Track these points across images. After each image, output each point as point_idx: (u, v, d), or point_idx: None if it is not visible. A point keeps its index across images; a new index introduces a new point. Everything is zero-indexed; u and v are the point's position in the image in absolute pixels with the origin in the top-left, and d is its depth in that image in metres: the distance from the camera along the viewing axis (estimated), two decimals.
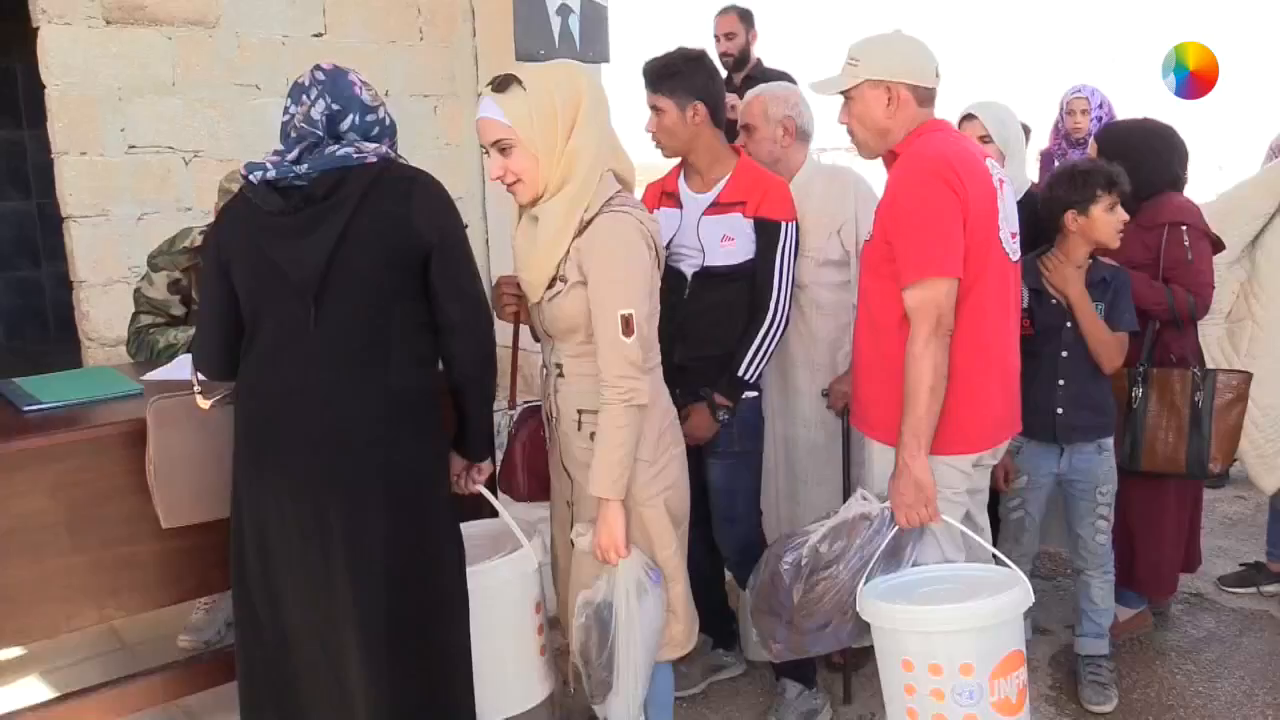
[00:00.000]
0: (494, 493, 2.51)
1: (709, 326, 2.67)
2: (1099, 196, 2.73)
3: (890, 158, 2.38)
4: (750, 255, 2.64)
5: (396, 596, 2.00)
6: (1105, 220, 2.74)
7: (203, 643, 3.11)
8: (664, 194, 2.80)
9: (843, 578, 2.24)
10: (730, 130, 2.81)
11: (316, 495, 1.96)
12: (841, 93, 2.38)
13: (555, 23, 4.37)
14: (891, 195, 2.29)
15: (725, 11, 4.71)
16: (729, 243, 2.63)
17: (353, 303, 1.95)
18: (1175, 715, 2.91)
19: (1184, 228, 3.02)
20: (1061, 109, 4.79)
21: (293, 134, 1.99)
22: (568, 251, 2.12)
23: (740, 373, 2.63)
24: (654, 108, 2.66)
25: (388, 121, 2.06)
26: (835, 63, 2.41)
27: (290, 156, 1.94)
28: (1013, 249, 2.36)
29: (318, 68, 2.02)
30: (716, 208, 2.66)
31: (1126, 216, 2.77)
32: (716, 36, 4.65)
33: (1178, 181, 3.11)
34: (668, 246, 2.67)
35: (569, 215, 2.11)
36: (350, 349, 1.96)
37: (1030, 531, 3.00)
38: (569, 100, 2.10)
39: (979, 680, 2.07)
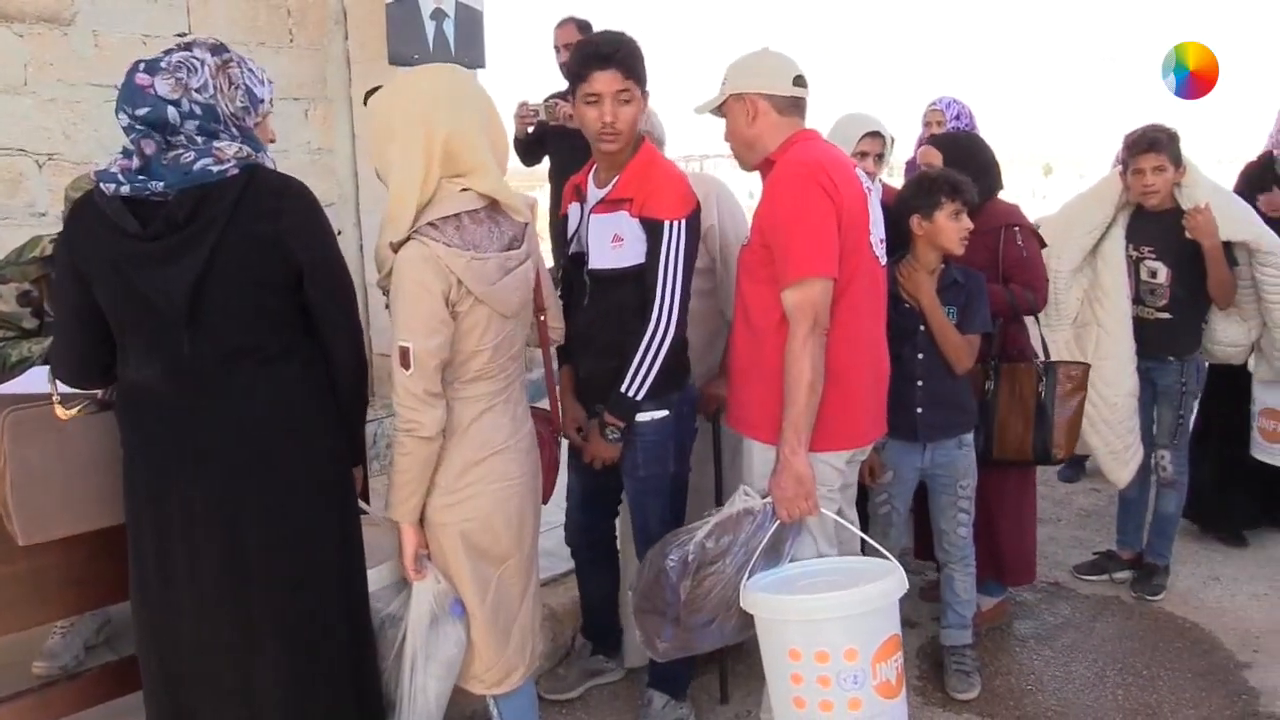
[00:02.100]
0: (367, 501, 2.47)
1: (604, 335, 2.56)
2: (943, 203, 2.84)
3: (765, 167, 2.44)
4: (642, 258, 2.48)
5: (313, 610, 2.00)
6: (949, 227, 2.85)
7: (59, 668, 2.96)
8: (575, 188, 2.67)
9: (728, 572, 2.30)
10: (563, 137, 2.79)
11: (224, 516, 1.93)
12: (718, 112, 2.47)
13: (429, 27, 4.32)
14: (769, 200, 2.35)
15: (564, 23, 4.75)
16: (618, 243, 2.49)
17: (225, 327, 1.90)
18: (1034, 699, 3.06)
19: (1016, 229, 3.22)
20: (922, 121, 4.98)
21: (130, 136, 1.88)
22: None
23: (624, 388, 2.46)
24: (620, 94, 2.43)
25: (197, 109, 1.91)
26: (676, 72, 2.46)
27: (137, 165, 1.85)
28: (881, 254, 2.46)
29: (138, 62, 1.92)
30: (605, 205, 2.53)
31: (970, 225, 2.89)
32: (557, 47, 4.67)
33: (996, 188, 3.29)
34: (575, 245, 2.61)
35: (382, 239, 2.06)
36: (228, 371, 1.92)
37: (897, 526, 3.10)
38: (388, 113, 2.04)
39: (862, 665, 2.15)
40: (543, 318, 2.43)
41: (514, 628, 2.29)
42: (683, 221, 2.46)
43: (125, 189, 1.83)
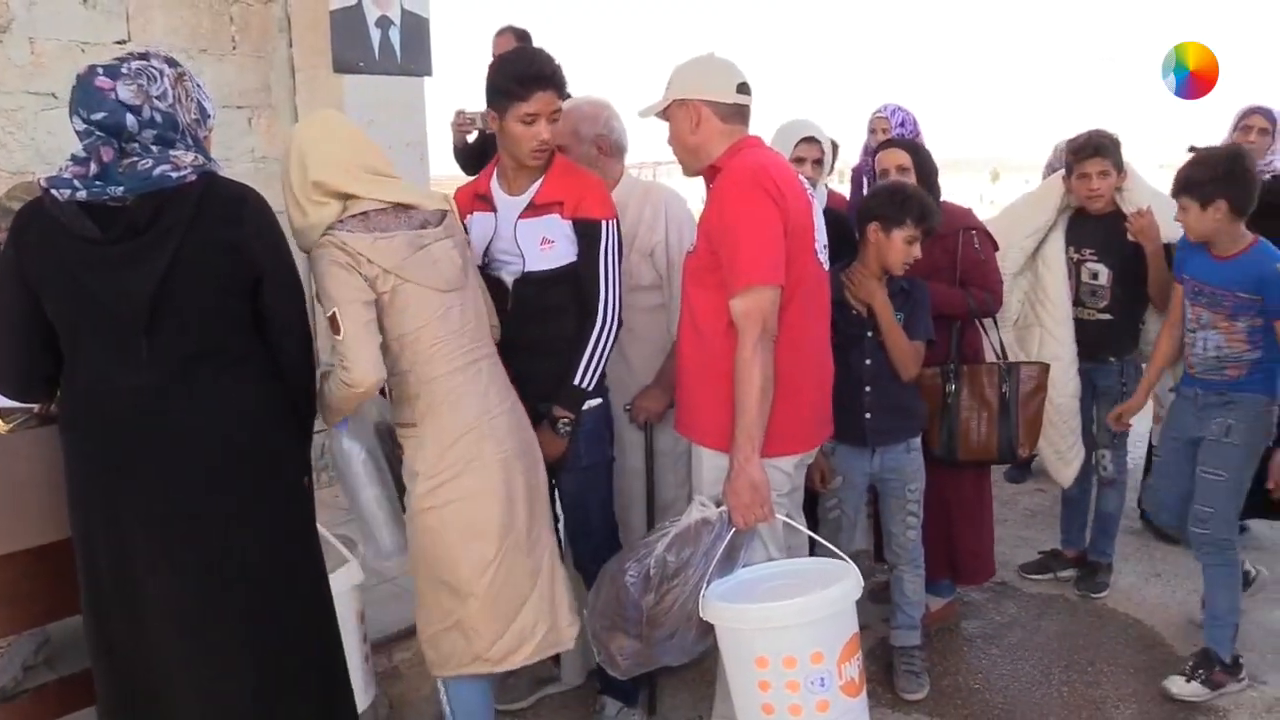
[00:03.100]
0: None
1: (539, 334, 2.59)
2: (906, 224, 2.86)
3: (710, 173, 2.45)
4: (572, 257, 2.55)
5: (282, 620, 2.02)
6: (900, 249, 2.87)
7: None
8: (477, 197, 2.68)
9: (690, 584, 2.29)
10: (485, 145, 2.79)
11: (181, 526, 1.92)
12: (662, 116, 2.47)
13: (375, 35, 4.30)
14: (716, 206, 2.35)
15: (502, 32, 4.75)
16: (548, 245, 2.54)
17: (185, 333, 1.91)
18: (981, 698, 3.10)
19: (973, 232, 3.26)
20: (868, 128, 5.03)
21: (86, 141, 1.87)
22: None
23: (577, 381, 2.53)
24: (556, 114, 2.51)
25: (158, 117, 1.93)
26: (612, 80, 2.53)
27: (94, 171, 1.84)
28: (824, 259, 2.48)
29: (77, 76, 1.91)
30: (532, 210, 2.56)
31: (919, 255, 2.91)
32: (495, 57, 4.67)
33: (939, 196, 3.33)
34: (486, 253, 2.62)
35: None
36: (188, 377, 1.91)
37: (847, 530, 3.13)
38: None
39: (828, 666, 2.18)
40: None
41: (524, 608, 2.34)
42: (614, 220, 2.57)
43: (82, 194, 1.83)
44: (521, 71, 2.46)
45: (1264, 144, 3.95)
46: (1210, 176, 2.87)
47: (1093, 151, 3.45)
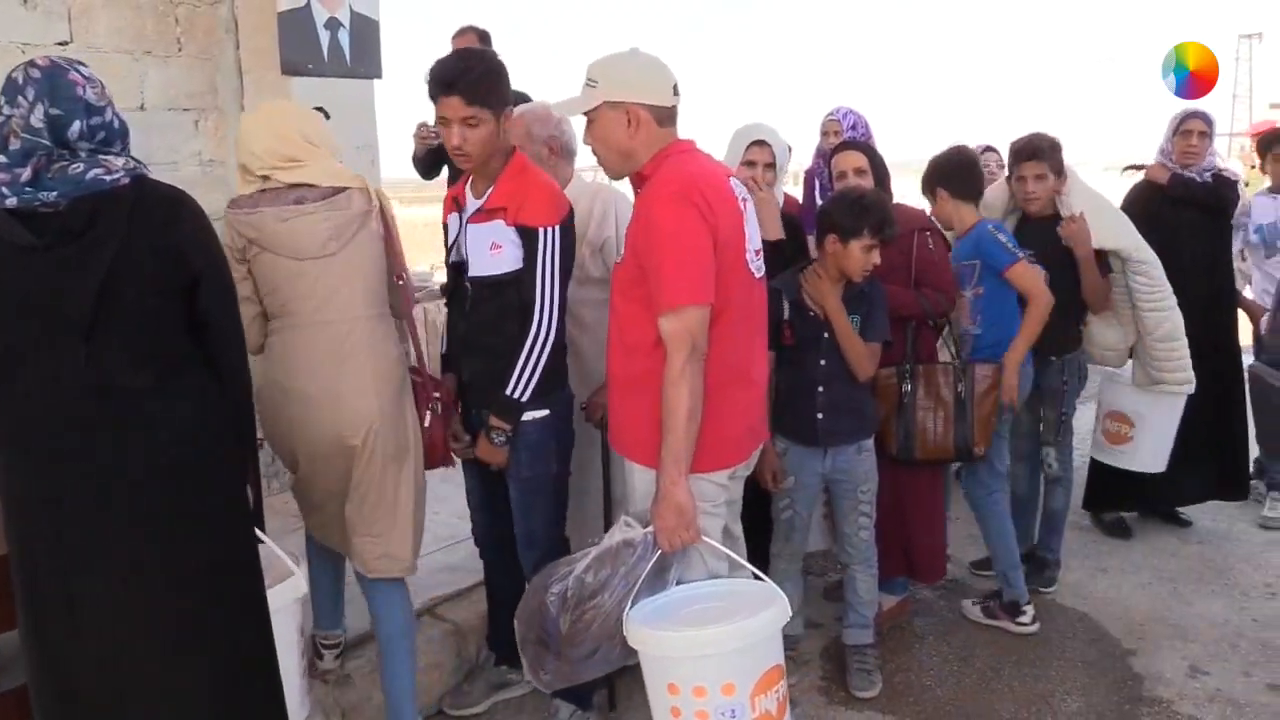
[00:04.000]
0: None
1: (485, 340, 2.60)
2: (863, 234, 2.88)
3: (638, 179, 2.39)
4: (519, 263, 2.53)
5: (229, 622, 2.00)
6: (858, 257, 2.90)
7: None
8: (454, 198, 2.70)
9: (609, 605, 2.24)
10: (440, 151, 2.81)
11: (120, 534, 1.88)
12: (584, 114, 2.37)
13: (324, 37, 4.25)
14: (643, 220, 2.28)
15: (463, 32, 4.71)
16: (498, 250, 2.53)
17: (126, 337, 1.88)
18: (933, 694, 3.14)
19: (928, 233, 3.31)
20: (820, 131, 5.07)
21: (15, 143, 1.84)
22: None
23: (509, 390, 2.51)
24: (468, 120, 2.46)
25: (116, 124, 1.94)
26: (569, 83, 2.42)
27: (25, 176, 1.80)
28: (757, 266, 2.42)
29: (32, 63, 1.87)
30: (482, 214, 2.56)
31: (878, 261, 2.94)
32: None
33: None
34: (456, 254, 2.64)
35: None
36: (127, 383, 1.88)
37: (800, 530, 3.15)
38: None
39: (740, 699, 2.12)
40: (400, 281, 2.66)
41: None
42: (556, 228, 2.52)
43: (11, 201, 1.80)
44: (433, 76, 2.48)
45: (1203, 146, 4.04)
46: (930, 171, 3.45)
47: (1029, 155, 3.52)
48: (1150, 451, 3.94)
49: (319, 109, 2.91)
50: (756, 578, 2.39)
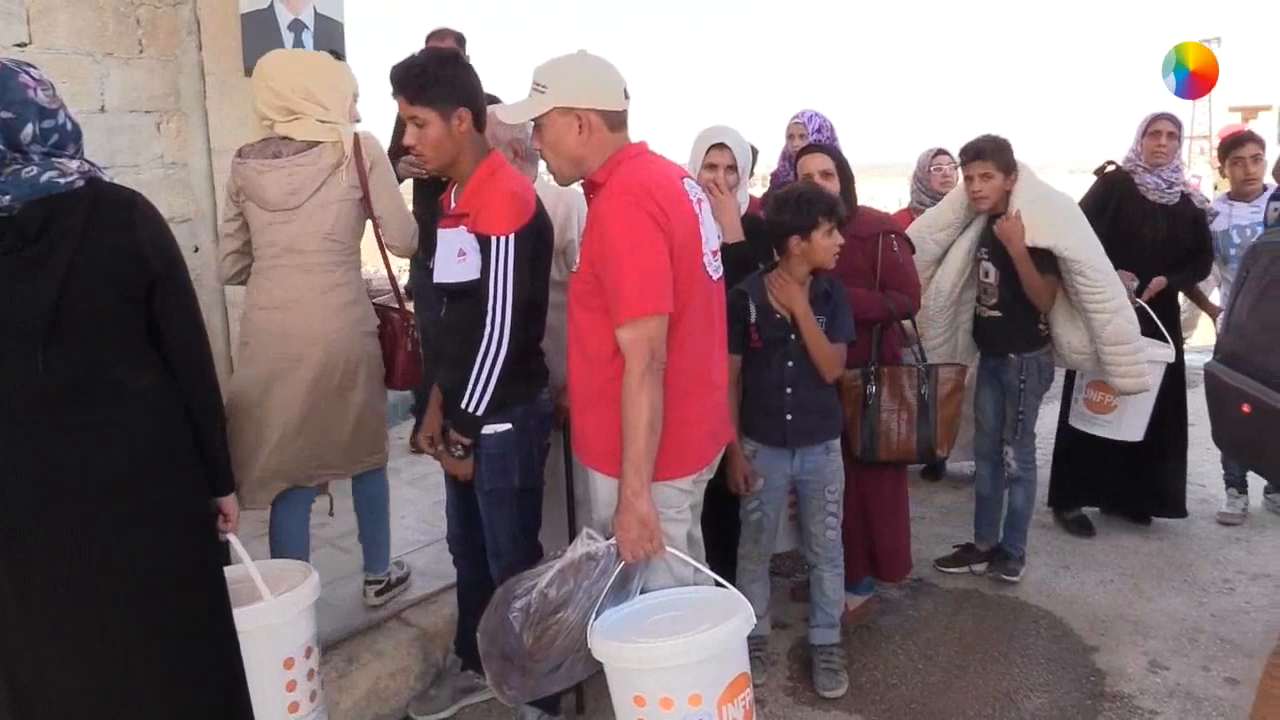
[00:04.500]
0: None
1: (451, 350, 2.57)
2: (820, 223, 2.92)
3: (590, 186, 2.36)
4: (479, 272, 2.47)
5: (187, 634, 1.98)
6: (824, 245, 2.93)
7: None
8: (442, 202, 2.66)
9: (573, 619, 2.22)
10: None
11: (78, 545, 1.85)
12: (532, 120, 2.33)
13: (288, 38, 4.21)
14: (597, 230, 2.25)
15: (439, 34, 4.70)
16: (463, 258, 2.49)
17: (83, 342, 1.86)
18: (899, 692, 3.16)
19: (893, 236, 3.33)
20: (786, 134, 5.10)
21: None
22: None
23: (463, 404, 2.46)
24: (413, 120, 2.45)
25: (69, 126, 1.92)
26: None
27: None
28: (715, 267, 2.41)
29: (14, 62, 1.86)
30: (450, 219, 2.53)
31: (842, 240, 2.97)
32: None
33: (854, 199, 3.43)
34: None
35: None
36: (84, 389, 1.86)
37: (768, 531, 3.16)
38: None
39: (707, 708, 2.11)
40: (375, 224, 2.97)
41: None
42: (510, 236, 2.43)
43: None
44: (390, 75, 2.51)
45: (1172, 147, 4.10)
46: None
47: (973, 155, 3.58)
48: (1130, 422, 3.99)
49: (333, 51, 3.31)
50: (719, 584, 2.38)
